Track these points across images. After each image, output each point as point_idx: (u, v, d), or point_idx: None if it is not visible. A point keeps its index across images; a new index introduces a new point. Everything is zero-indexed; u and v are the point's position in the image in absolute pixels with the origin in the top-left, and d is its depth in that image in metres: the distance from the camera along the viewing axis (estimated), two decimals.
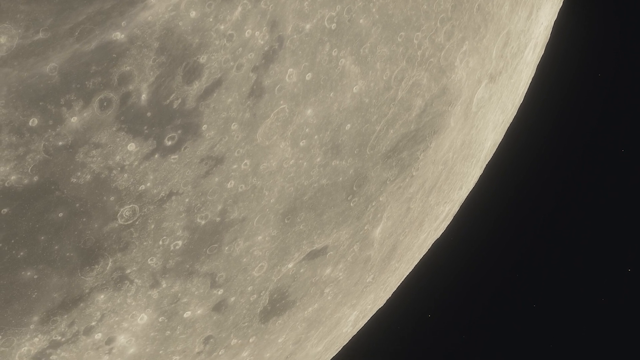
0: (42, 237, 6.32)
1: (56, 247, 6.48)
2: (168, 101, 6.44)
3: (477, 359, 24.11)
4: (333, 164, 8.66)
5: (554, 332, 23.31)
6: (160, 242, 7.30)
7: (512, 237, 23.49)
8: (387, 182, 10.05)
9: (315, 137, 8.19)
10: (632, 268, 22.37)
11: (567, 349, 23.02)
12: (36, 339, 7.06)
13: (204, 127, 6.86)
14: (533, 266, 23.65)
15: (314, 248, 9.49)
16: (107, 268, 7.04)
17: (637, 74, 21.94)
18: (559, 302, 23.33)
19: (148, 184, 6.73)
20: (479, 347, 24.10)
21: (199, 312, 8.46)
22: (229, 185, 7.54)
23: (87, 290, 7.07)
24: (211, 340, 9.02)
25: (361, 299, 12.49)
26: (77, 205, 6.37)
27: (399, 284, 14.65)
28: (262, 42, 6.96)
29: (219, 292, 8.50)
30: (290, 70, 7.44)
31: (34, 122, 5.70)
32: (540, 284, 23.61)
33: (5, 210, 5.96)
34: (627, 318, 22.27)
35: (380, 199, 10.21)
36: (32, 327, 6.90)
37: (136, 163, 6.50)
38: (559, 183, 23.28)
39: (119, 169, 6.42)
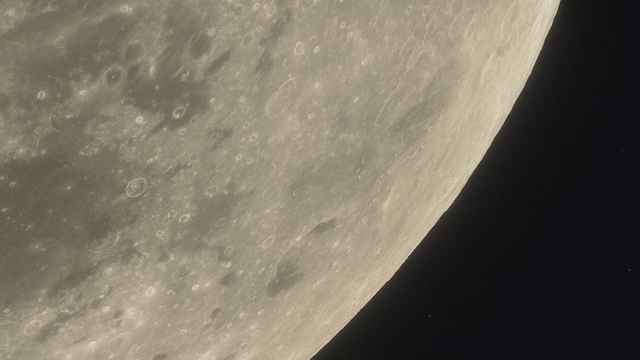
0: (50, 210, 6.33)
1: (64, 220, 6.48)
2: (176, 74, 6.42)
3: (484, 333, 24.14)
4: (341, 137, 8.65)
5: (553, 332, 23.38)
6: (169, 215, 7.30)
7: (520, 210, 23.46)
8: (395, 155, 10.03)
9: (324, 110, 8.18)
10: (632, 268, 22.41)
11: (566, 349, 23.11)
12: (44, 312, 7.08)
13: (212, 100, 6.85)
14: (541, 239, 23.63)
15: (322, 221, 9.49)
16: (115, 241, 7.05)
17: None
18: (559, 294, 23.41)
19: (156, 157, 6.72)
20: (485, 321, 24.14)
21: (207, 285, 8.48)
22: (237, 158, 7.53)
23: (95, 264, 7.09)
24: (219, 313, 9.04)
25: (369, 272, 12.51)
26: (85, 178, 6.37)
27: (406, 257, 14.66)
28: (270, 15, 6.93)
29: (227, 265, 8.51)
30: (299, 43, 7.41)
31: (42, 95, 5.69)
32: (545, 259, 23.62)
33: (13, 183, 5.96)
34: (627, 318, 22.32)
35: (389, 172, 10.19)
36: (40, 300, 6.92)
37: (144, 136, 6.49)
38: (567, 156, 23.21)
39: (127, 142, 6.41)
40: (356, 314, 14.52)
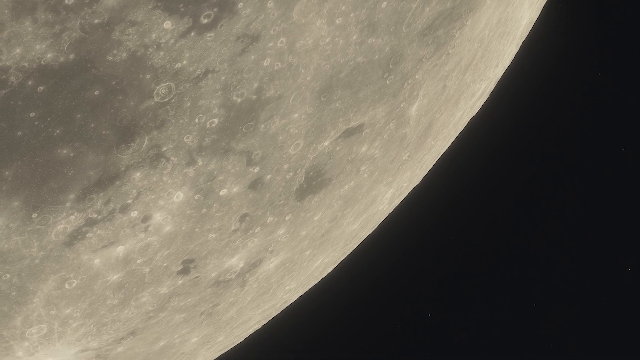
0: (78, 115, 6.32)
1: (92, 125, 6.48)
2: None
3: (510, 242, 24.22)
4: (369, 41, 8.56)
5: (553, 331, 23.41)
6: (197, 120, 7.28)
7: (549, 114, 23.32)
8: (423, 60, 9.95)
9: (352, 14, 8.08)
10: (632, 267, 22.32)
11: (566, 348, 23.14)
12: (72, 217, 7.12)
13: (240, 5, 6.77)
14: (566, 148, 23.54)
15: (350, 126, 9.46)
16: (143, 146, 7.05)
17: None
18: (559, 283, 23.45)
19: (184, 62, 6.68)
20: (511, 227, 24.20)
21: (235, 190, 8.50)
22: (265, 63, 7.48)
23: (123, 168, 7.10)
24: (247, 218, 9.08)
25: (397, 177, 12.51)
26: (113, 83, 6.35)
27: (435, 161, 14.66)
28: None
29: (255, 170, 8.52)
30: None
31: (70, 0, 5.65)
32: (545, 259, 23.66)
33: (41, 88, 5.95)
34: (628, 318, 22.29)
35: (416, 76, 10.12)
36: (68, 205, 6.95)
37: (172, 41, 6.44)
38: (593, 60, 22.97)
39: (155, 47, 6.37)
40: (384, 218, 14.58)
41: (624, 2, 21.95)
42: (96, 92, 6.30)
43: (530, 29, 14.97)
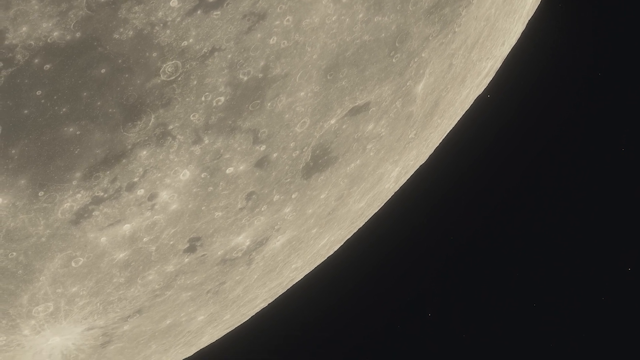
0: (85, 94, 6.32)
1: (98, 103, 6.48)
2: None
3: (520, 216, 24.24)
4: (375, 20, 8.54)
5: (553, 331, 23.43)
6: (203, 98, 7.28)
7: (556, 92, 23.28)
8: (430, 38, 9.93)
9: None
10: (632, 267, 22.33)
11: (567, 348, 23.17)
12: (78, 195, 7.13)
13: None
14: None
15: (357, 104, 9.45)
16: (150, 124, 7.05)
17: None
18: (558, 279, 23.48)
19: (190, 40, 6.68)
20: (514, 210, 24.23)
21: (241, 168, 8.50)
22: (271, 42, 7.47)
23: (129, 147, 7.11)
24: (253, 196, 9.09)
25: (403, 155, 12.51)
26: (120, 61, 6.34)
27: (441, 140, 14.65)
28: None
29: (262, 148, 8.52)
30: None
31: None
32: (544, 258, 23.72)
33: (47, 66, 5.95)
34: (628, 318, 22.30)
35: (423, 55, 10.10)
36: (74, 183, 6.96)
37: (178, 19, 6.43)
38: (601, 37, 22.92)
39: (162, 25, 6.36)
40: (391, 196, 14.58)
41: None
42: (102, 71, 6.29)
43: (536, 7, 14.94)
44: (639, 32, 21.84)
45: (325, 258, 14.78)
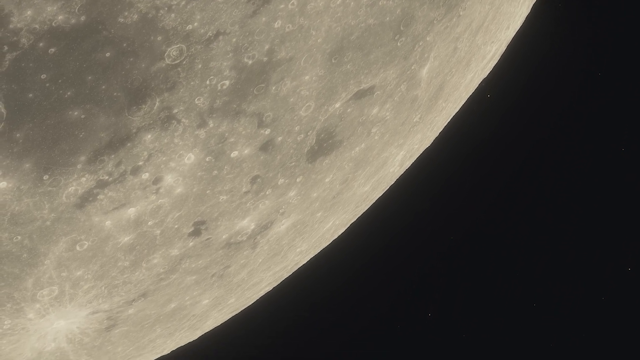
0: (90, 77, 6.32)
1: (103, 87, 6.47)
2: None
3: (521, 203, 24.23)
4: (380, 3, 8.52)
5: (553, 330, 23.42)
6: (208, 82, 7.27)
7: (561, 76, 23.24)
8: (434, 21, 9.90)
9: None
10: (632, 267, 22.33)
11: (567, 348, 23.18)
12: (83, 179, 7.13)
13: None
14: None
15: (361, 88, 9.44)
16: (155, 108, 7.05)
17: None
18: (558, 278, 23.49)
19: (195, 24, 6.66)
20: (517, 197, 24.24)
21: (246, 151, 8.50)
22: (276, 25, 7.45)
23: (134, 130, 7.10)
24: (258, 180, 9.09)
25: (408, 139, 12.50)
26: (125, 45, 6.33)
27: (446, 123, 14.63)
28: None
29: (266, 132, 8.51)
30: None
31: None
32: (544, 258, 23.73)
33: (52, 50, 5.94)
34: (628, 317, 22.30)
35: (428, 38, 10.08)
36: (79, 166, 6.96)
37: (183, 3, 6.42)
38: (607, 22, 22.86)
39: (166, 8, 6.34)
40: (395, 180, 14.58)
41: None
42: (107, 54, 6.29)
43: None
44: None
45: (330, 242, 14.79)
